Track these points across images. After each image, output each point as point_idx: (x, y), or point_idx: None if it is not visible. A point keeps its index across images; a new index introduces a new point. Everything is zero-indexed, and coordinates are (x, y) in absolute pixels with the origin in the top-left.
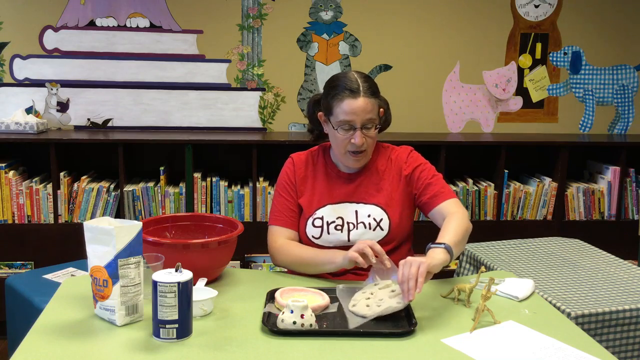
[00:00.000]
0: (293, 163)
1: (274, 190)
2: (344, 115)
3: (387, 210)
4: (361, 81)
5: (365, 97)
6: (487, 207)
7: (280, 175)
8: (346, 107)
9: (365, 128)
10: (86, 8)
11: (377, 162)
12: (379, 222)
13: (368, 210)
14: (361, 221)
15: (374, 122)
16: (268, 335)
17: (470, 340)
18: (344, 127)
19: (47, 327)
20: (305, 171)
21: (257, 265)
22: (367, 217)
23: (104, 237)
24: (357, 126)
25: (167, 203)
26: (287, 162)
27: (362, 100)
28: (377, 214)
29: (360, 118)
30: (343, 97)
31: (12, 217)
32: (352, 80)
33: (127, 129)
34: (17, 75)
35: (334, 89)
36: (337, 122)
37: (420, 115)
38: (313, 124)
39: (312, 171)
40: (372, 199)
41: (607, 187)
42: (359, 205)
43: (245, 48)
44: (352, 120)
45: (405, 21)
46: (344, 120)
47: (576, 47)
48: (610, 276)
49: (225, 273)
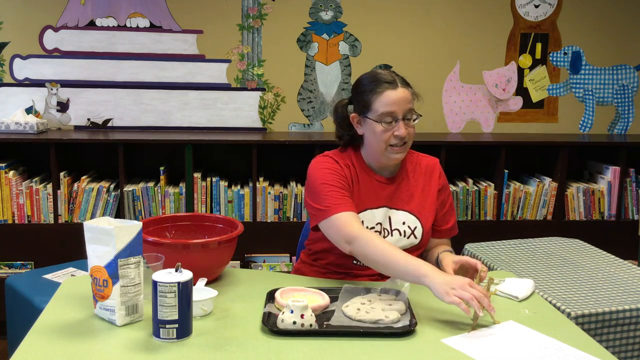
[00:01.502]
0: (335, 161)
1: (316, 185)
2: (385, 107)
3: (420, 218)
4: (394, 74)
5: (404, 87)
6: (487, 207)
7: (324, 170)
8: (386, 98)
9: (407, 119)
10: (86, 8)
11: (406, 168)
12: (413, 230)
13: (402, 217)
14: (395, 228)
15: (413, 112)
16: (268, 335)
17: (470, 340)
18: (386, 120)
19: (47, 327)
20: (348, 170)
21: (257, 265)
22: (402, 225)
23: (104, 237)
24: (399, 117)
25: (167, 203)
26: (324, 160)
27: (402, 91)
28: (411, 221)
29: (402, 108)
30: (382, 89)
31: (12, 217)
32: (385, 74)
33: (127, 129)
34: (17, 75)
35: (370, 84)
36: (379, 116)
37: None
38: (343, 128)
39: (354, 174)
40: (406, 206)
41: (607, 187)
42: (391, 211)
43: (245, 48)
44: (394, 112)
45: (405, 21)
46: (386, 112)
47: (576, 47)
48: (610, 276)
49: (225, 273)
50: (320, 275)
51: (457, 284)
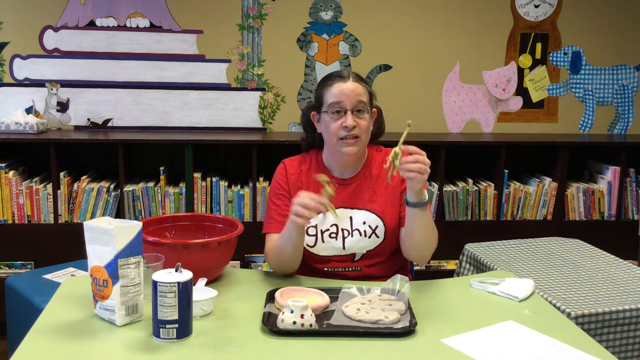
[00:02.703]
0: (285, 168)
1: (267, 198)
2: (333, 98)
3: (382, 217)
4: (353, 73)
5: (355, 82)
6: (487, 207)
7: (273, 182)
8: (335, 90)
9: (357, 110)
10: (86, 8)
11: (371, 166)
12: (375, 229)
13: (363, 217)
14: (356, 228)
15: (365, 106)
16: (268, 335)
17: (470, 340)
18: (334, 109)
19: (47, 327)
20: (298, 176)
21: (257, 265)
22: (362, 225)
23: (104, 237)
24: (347, 107)
25: (167, 203)
26: (278, 168)
27: (352, 84)
28: (372, 220)
29: (350, 99)
30: (333, 82)
31: (12, 217)
32: (342, 71)
33: (127, 129)
34: (17, 75)
35: (323, 81)
36: (328, 107)
37: (420, 115)
38: (307, 131)
39: (305, 177)
40: (367, 205)
41: (607, 187)
42: (353, 211)
43: (245, 48)
44: (341, 101)
45: (405, 21)
46: (334, 103)
47: (576, 47)
48: (610, 276)
49: (225, 273)
50: (320, 275)
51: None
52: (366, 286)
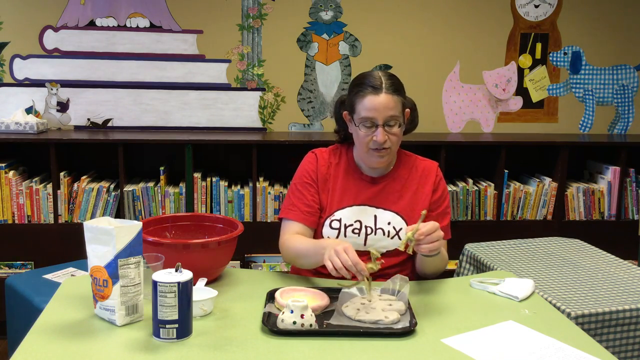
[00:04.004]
0: (316, 159)
1: (291, 184)
2: (365, 112)
3: (407, 221)
4: (384, 79)
5: (388, 94)
6: (487, 207)
7: (300, 169)
8: (368, 103)
9: (388, 125)
10: (86, 8)
11: (400, 169)
12: (398, 231)
13: (388, 217)
14: (380, 227)
15: (396, 119)
16: (268, 335)
17: (470, 340)
18: (365, 124)
19: (47, 327)
20: (327, 169)
21: (257, 265)
22: (387, 225)
23: (104, 237)
24: (378, 123)
25: (167, 203)
26: (308, 156)
27: (384, 97)
28: (397, 222)
29: (382, 115)
30: (365, 93)
31: (12, 217)
32: (375, 78)
33: (127, 129)
34: (17, 75)
35: (357, 87)
36: (359, 119)
37: (420, 115)
38: (339, 124)
39: (335, 170)
40: (394, 207)
41: (607, 187)
42: (378, 211)
43: (245, 48)
44: (373, 117)
45: (405, 21)
46: (365, 117)
47: (576, 47)
48: (610, 276)
49: (225, 273)
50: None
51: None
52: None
